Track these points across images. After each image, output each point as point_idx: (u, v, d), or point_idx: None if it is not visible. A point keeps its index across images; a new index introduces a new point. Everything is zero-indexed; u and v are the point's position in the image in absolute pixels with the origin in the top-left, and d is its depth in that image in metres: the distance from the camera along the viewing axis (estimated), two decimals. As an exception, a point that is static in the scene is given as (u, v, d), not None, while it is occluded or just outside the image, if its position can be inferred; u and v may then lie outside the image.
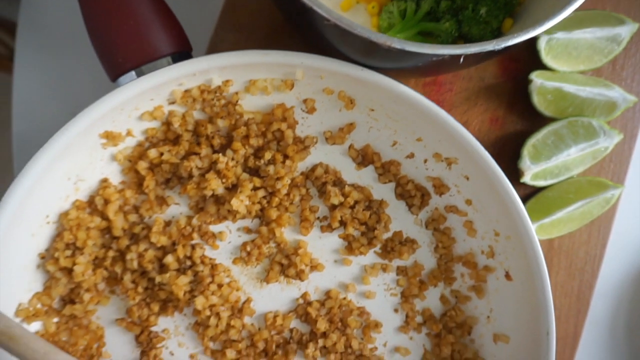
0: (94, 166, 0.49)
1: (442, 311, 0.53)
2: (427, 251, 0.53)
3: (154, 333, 0.52)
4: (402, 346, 0.53)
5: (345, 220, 0.52)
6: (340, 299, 0.52)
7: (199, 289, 0.50)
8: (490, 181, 0.47)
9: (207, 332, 0.51)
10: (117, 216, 0.50)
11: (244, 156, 0.51)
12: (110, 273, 0.51)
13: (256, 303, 0.52)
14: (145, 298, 0.51)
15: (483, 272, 0.52)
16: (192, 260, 0.51)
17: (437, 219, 0.53)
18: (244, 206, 0.50)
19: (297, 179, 0.52)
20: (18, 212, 0.45)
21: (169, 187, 0.52)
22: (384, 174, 0.53)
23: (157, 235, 0.50)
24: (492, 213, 0.50)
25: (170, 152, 0.50)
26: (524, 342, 0.49)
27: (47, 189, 0.46)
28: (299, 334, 0.52)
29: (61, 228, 0.49)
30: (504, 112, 0.56)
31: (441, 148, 0.50)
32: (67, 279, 0.49)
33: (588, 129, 0.52)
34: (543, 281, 0.46)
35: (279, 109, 0.51)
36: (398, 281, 0.53)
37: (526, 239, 0.46)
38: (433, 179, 0.52)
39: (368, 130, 0.52)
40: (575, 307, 0.56)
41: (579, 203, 0.53)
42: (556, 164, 0.52)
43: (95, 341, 0.51)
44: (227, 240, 0.52)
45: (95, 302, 0.51)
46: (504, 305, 0.51)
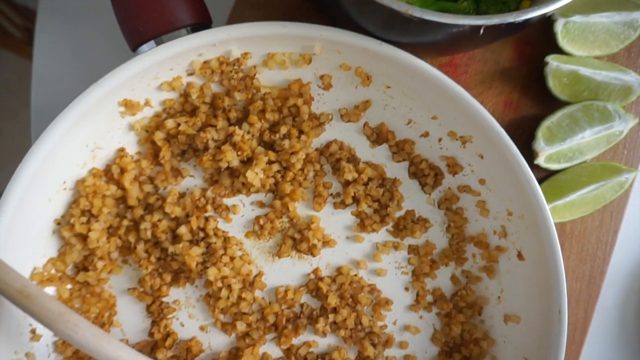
0: (112, 135, 0.50)
1: (453, 291, 0.53)
2: (439, 231, 0.53)
3: (165, 304, 0.52)
4: (412, 325, 0.53)
5: (359, 196, 0.52)
6: (351, 276, 0.52)
7: (211, 261, 0.50)
8: (505, 158, 0.47)
9: (218, 303, 0.51)
10: (133, 185, 0.50)
11: (260, 130, 0.51)
12: (123, 242, 0.51)
13: (267, 277, 0.52)
14: (157, 268, 0.51)
15: (495, 253, 0.52)
16: (205, 232, 0.51)
17: (449, 198, 0.53)
18: (258, 179, 0.51)
19: (312, 155, 0.52)
20: (36, 175, 0.45)
21: (184, 159, 0.52)
22: (398, 153, 0.53)
23: (172, 206, 0.50)
24: (506, 192, 0.50)
25: (187, 124, 0.50)
26: (535, 322, 0.49)
27: (65, 155, 0.47)
28: (310, 309, 0.52)
29: (77, 195, 0.50)
30: (518, 96, 0.56)
31: (456, 126, 0.50)
32: (81, 245, 0.49)
33: (603, 113, 0.52)
34: (556, 258, 0.46)
35: (296, 84, 0.51)
36: (409, 260, 0.53)
37: (540, 216, 0.46)
38: (447, 158, 0.52)
39: (383, 108, 0.52)
40: (586, 292, 0.56)
41: (592, 186, 0.53)
42: (570, 146, 0.52)
43: (107, 309, 0.51)
44: (240, 214, 0.53)
45: (108, 271, 0.51)
46: (515, 286, 0.51)
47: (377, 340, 0.52)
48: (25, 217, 0.46)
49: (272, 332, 0.52)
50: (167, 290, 0.52)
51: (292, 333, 0.52)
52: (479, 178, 0.51)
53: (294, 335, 0.52)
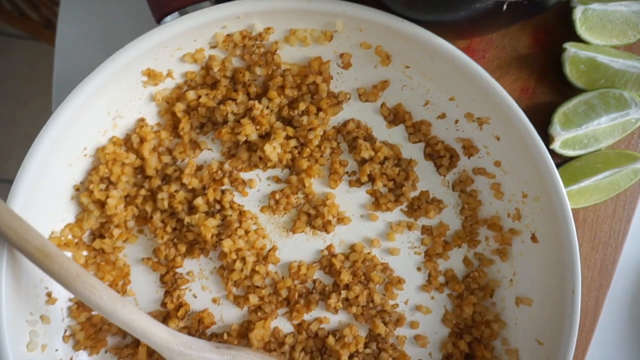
0: (133, 104, 0.50)
1: (465, 273, 0.53)
2: (453, 213, 0.54)
3: (178, 274, 0.52)
4: (424, 305, 0.53)
5: (374, 175, 0.53)
6: (364, 254, 0.53)
7: (226, 233, 0.51)
8: (521, 139, 0.48)
9: (231, 276, 0.51)
10: (151, 155, 0.51)
11: (279, 106, 0.52)
12: (140, 211, 0.51)
13: (281, 252, 0.53)
14: (172, 238, 0.52)
15: (508, 235, 0.52)
16: (221, 205, 0.52)
17: (464, 180, 0.53)
18: (275, 154, 0.51)
19: (329, 132, 0.53)
20: (59, 139, 0.46)
21: (203, 132, 0.53)
22: (414, 134, 0.54)
23: (189, 177, 0.51)
24: (521, 174, 0.50)
25: (208, 96, 0.51)
26: (547, 303, 0.49)
27: (87, 121, 0.48)
28: (322, 285, 0.53)
29: (97, 162, 0.50)
30: (534, 83, 0.57)
31: (474, 107, 0.51)
32: (99, 212, 0.50)
33: (619, 100, 0.53)
34: (571, 239, 0.46)
35: (316, 62, 0.52)
36: (422, 240, 0.53)
37: (555, 196, 0.47)
38: (463, 140, 0.53)
39: (401, 89, 0.53)
40: (598, 280, 0.56)
41: (607, 172, 0.53)
42: (586, 132, 0.53)
43: (121, 278, 0.52)
44: (256, 188, 0.53)
45: (124, 239, 0.51)
46: (528, 268, 0.51)
47: (388, 319, 0.52)
48: (46, 181, 0.47)
49: (284, 307, 0.52)
50: (181, 261, 0.52)
51: (304, 308, 0.52)
52: (495, 160, 0.52)
53: (306, 311, 0.52)
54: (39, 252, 0.42)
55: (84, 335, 0.49)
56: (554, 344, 0.47)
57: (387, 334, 0.52)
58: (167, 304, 0.51)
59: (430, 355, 0.53)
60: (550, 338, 0.48)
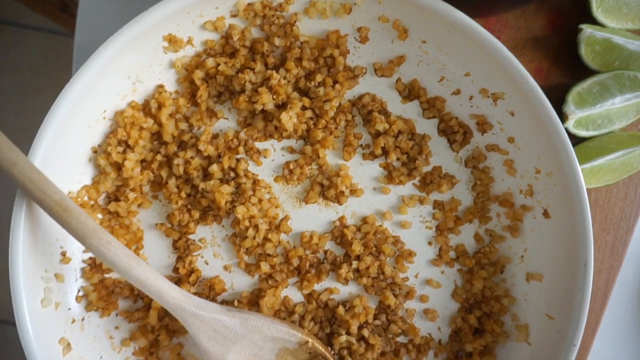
0: (153, 70, 0.51)
1: (476, 249, 0.54)
2: (465, 189, 0.54)
3: (191, 240, 0.53)
4: (434, 279, 0.53)
5: (388, 148, 0.53)
6: (376, 226, 0.53)
7: (239, 201, 0.51)
8: (536, 114, 0.48)
9: (243, 243, 0.52)
10: (169, 121, 0.52)
11: (296, 77, 0.53)
12: (155, 177, 0.52)
13: (293, 222, 0.53)
14: (187, 204, 0.52)
15: (520, 211, 0.52)
16: (236, 173, 0.52)
17: (477, 157, 0.54)
18: (291, 123, 0.52)
19: (344, 105, 0.53)
20: (80, 99, 0.46)
21: (220, 101, 0.53)
22: (428, 109, 0.54)
23: (205, 144, 0.51)
24: (535, 149, 0.50)
25: (227, 64, 0.52)
26: (559, 278, 0.49)
27: (107, 83, 0.48)
28: (333, 255, 0.53)
29: (115, 125, 0.51)
30: (549, 65, 0.57)
31: (489, 83, 0.51)
32: (115, 174, 0.51)
33: (634, 82, 0.53)
34: (584, 211, 0.46)
35: (334, 35, 0.52)
36: (434, 215, 0.54)
37: (569, 169, 0.47)
38: (477, 117, 0.53)
39: (417, 64, 0.53)
40: (608, 261, 0.56)
41: (620, 152, 0.53)
42: (600, 112, 0.53)
43: (134, 242, 0.52)
44: (270, 158, 0.54)
45: (139, 204, 0.52)
46: (540, 244, 0.51)
47: (398, 291, 0.52)
48: (66, 141, 0.47)
49: (294, 277, 0.53)
50: (194, 228, 0.52)
51: (314, 278, 0.52)
52: (508, 136, 0.52)
53: (317, 281, 0.52)
54: (58, 205, 0.43)
55: (97, 297, 0.50)
56: (564, 318, 0.47)
57: (397, 306, 0.52)
58: (179, 269, 0.52)
59: (439, 330, 0.53)
60: (561, 312, 0.48)
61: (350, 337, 0.51)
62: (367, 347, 0.51)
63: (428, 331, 0.53)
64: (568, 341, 0.46)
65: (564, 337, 0.46)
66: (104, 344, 0.51)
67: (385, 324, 0.52)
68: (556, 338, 0.47)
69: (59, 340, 0.47)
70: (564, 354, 0.46)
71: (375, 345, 0.51)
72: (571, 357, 0.46)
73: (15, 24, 1.69)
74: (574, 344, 0.46)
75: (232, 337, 0.47)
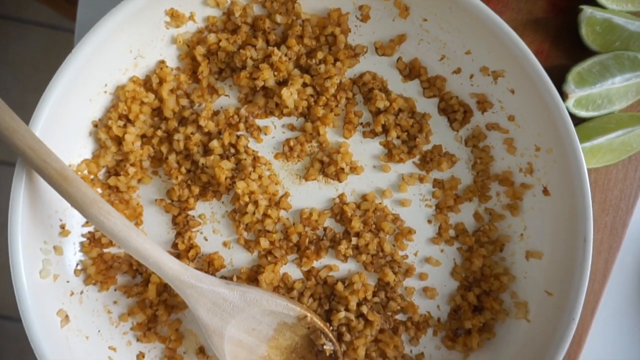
0: (155, 45, 0.51)
1: (475, 228, 0.54)
2: (465, 168, 0.54)
3: (190, 216, 0.53)
4: (433, 257, 0.53)
5: (388, 126, 0.53)
6: (375, 203, 0.53)
7: (239, 177, 0.51)
8: (536, 90, 0.48)
9: (243, 219, 0.52)
10: (170, 97, 0.52)
11: (297, 54, 0.53)
12: (156, 152, 0.52)
13: (293, 198, 0.53)
14: (187, 180, 0.52)
15: (520, 190, 0.52)
16: (236, 149, 0.52)
17: (477, 136, 0.54)
18: (292, 99, 0.52)
19: (345, 83, 0.53)
20: (82, 70, 0.46)
21: (221, 78, 0.53)
22: (429, 88, 0.54)
23: (205, 120, 0.52)
24: (535, 127, 0.50)
25: (228, 41, 0.52)
26: (558, 255, 0.49)
27: (109, 56, 0.48)
28: (333, 232, 0.53)
29: (116, 100, 0.51)
30: (549, 46, 0.58)
31: (489, 60, 0.51)
32: (116, 148, 0.51)
33: (634, 62, 0.53)
34: (583, 186, 0.46)
35: (335, 13, 0.53)
36: (434, 193, 0.54)
37: (568, 144, 0.47)
38: (477, 95, 0.53)
39: (418, 43, 0.54)
40: (607, 242, 0.56)
41: (619, 132, 0.53)
42: (600, 91, 0.53)
43: (134, 218, 0.52)
44: (271, 135, 0.54)
45: (139, 179, 0.52)
46: (539, 222, 0.51)
47: (397, 269, 0.52)
48: (67, 113, 0.47)
49: (294, 253, 0.53)
50: (193, 204, 0.52)
51: (313, 255, 0.52)
52: (509, 115, 0.52)
53: (316, 258, 0.52)
54: (58, 174, 0.43)
55: (95, 270, 0.50)
56: (564, 293, 0.47)
57: (396, 283, 0.52)
58: (178, 244, 0.52)
59: (438, 308, 0.53)
60: (560, 288, 0.48)
61: (349, 313, 0.51)
62: (366, 323, 0.51)
63: (427, 309, 0.53)
64: (567, 316, 0.46)
65: (563, 312, 0.46)
66: (102, 318, 0.50)
67: (384, 301, 0.52)
68: (555, 314, 0.47)
69: (57, 311, 0.47)
70: (563, 329, 0.46)
71: (374, 322, 0.51)
72: (570, 331, 0.46)
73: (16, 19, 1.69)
74: (573, 318, 0.46)
75: (231, 310, 0.47)
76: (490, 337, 0.51)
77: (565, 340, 0.46)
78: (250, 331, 0.48)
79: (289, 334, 0.49)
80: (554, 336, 0.46)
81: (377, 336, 0.52)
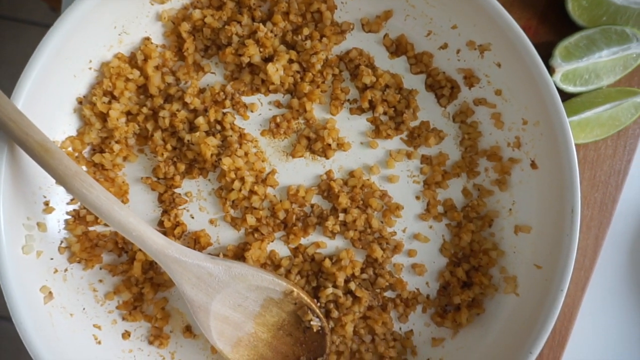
0: (140, 21, 0.51)
1: (464, 204, 0.53)
2: (453, 143, 0.54)
3: (176, 194, 0.52)
4: (422, 234, 0.53)
5: (375, 102, 0.53)
6: (363, 180, 0.53)
7: (225, 154, 0.51)
8: (522, 62, 0.48)
9: (229, 196, 0.51)
10: (155, 73, 0.51)
11: (283, 30, 0.52)
12: (141, 130, 0.52)
13: (280, 176, 0.53)
14: (172, 157, 0.52)
15: (508, 164, 0.52)
16: (222, 126, 0.52)
17: (465, 111, 0.53)
18: (278, 75, 0.51)
19: (332, 60, 0.53)
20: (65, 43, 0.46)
21: (207, 56, 0.53)
22: (416, 64, 0.54)
23: (191, 97, 0.51)
24: (522, 100, 0.50)
25: (213, 17, 0.51)
26: (546, 227, 0.49)
27: (93, 30, 0.48)
28: (320, 209, 0.52)
29: (101, 77, 0.51)
30: (537, 22, 0.57)
31: (475, 34, 0.51)
32: (100, 125, 0.50)
33: (621, 35, 0.53)
34: (570, 157, 0.46)
35: (321, -11, 0.52)
36: (422, 169, 0.53)
37: (555, 116, 0.47)
38: (464, 70, 0.53)
39: (404, 19, 0.53)
40: (597, 218, 0.56)
41: (607, 105, 0.53)
42: (587, 65, 0.53)
43: (120, 196, 0.52)
44: (257, 112, 0.53)
45: (124, 156, 0.52)
46: (528, 196, 0.51)
47: (385, 245, 0.52)
48: (50, 87, 0.47)
49: (281, 230, 0.52)
50: (179, 181, 0.52)
51: (301, 232, 0.52)
52: (495, 89, 0.52)
53: (303, 235, 0.52)
54: (39, 146, 0.43)
55: (80, 248, 0.49)
56: (552, 265, 0.47)
57: (384, 260, 0.52)
58: (164, 222, 0.51)
59: (427, 285, 0.53)
60: (549, 260, 0.47)
61: (336, 290, 0.51)
62: (354, 300, 0.51)
63: (416, 286, 0.53)
64: (555, 287, 0.45)
65: (552, 283, 0.46)
66: (87, 296, 0.50)
67: (372, 277, 0.52)
68: (544, 286, 0.47)
69: (41, 288, 0.47)
70: (551, 301, 0.45)
71: (362, 299, 0.51)
72: (558, 303, 0.45)
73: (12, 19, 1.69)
74: (561, 289, 0.45)
75: (216, 285, 0.46)
76: (480, 313, 0.51)
77: (553, 312, 0.45)
78: (236, 307, 0.47)
79: (276, 310, 0.49)
80: (542, 308, 0.46)
81: (365, 313, 0.51)
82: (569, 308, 0.55)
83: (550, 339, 0.55)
